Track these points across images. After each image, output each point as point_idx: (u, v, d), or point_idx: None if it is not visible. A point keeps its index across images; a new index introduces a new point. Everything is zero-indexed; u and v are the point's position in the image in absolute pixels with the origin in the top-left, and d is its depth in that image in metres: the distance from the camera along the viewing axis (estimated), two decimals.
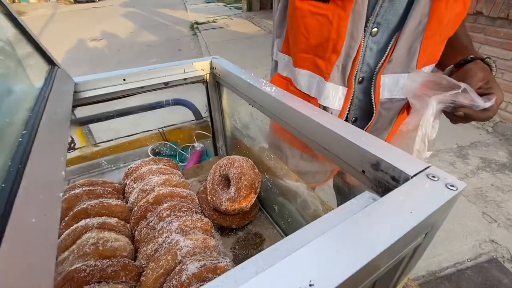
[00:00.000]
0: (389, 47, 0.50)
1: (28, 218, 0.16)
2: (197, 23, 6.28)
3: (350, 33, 0.49)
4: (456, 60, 0.52)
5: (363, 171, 0.29)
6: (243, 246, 0.58)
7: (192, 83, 0.66)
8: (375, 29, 0.50)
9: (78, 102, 0.52)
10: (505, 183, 1.86)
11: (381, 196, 0.26)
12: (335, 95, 0.56)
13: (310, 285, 0.15)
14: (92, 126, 1.07)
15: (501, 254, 1.45)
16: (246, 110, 0.80)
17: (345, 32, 0.49)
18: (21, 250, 0.14)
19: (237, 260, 0.55)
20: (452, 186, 0.23)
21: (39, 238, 0.16)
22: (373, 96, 0.55)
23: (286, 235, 0.58)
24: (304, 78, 0.59)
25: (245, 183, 0.55)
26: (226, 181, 0.61)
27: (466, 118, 0.47)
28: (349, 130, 0.31)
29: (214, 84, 0.67)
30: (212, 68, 0.64)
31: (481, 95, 0.46)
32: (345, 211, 0.23)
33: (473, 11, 2.27)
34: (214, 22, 6.42)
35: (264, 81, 0.47)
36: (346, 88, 0.56)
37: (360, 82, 0.55)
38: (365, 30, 0.50)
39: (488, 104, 0.43)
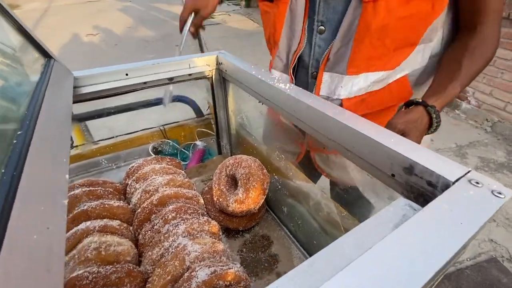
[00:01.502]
0: (329, 46, 0.53)
1: (27, 236, 0.14)
2: None
3: (289, 28, 0.55)
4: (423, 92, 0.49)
5: (393, 175, 0.27)
6: (250, 249, 0.56)
7: (197, 78, 0.63)
8: (322, 27, 0.53)
9: (78, 98, 0.49)
10: (503, 182, 1.87)
11: (417, 202, 0.24)
12: (279, 82, 0.64)
13: None
14: (87, 123, 1.04)
15: (500, 254, 1.46)
16: (254, 108, 0.78)
17: (281, 27, 0.56)
18: (22, 277, 0.12)
19: (245, 263, 0.53)
20: (500, 193, 0.21)
21: (42, 258, 0.14)
22: (314, 91, 0.58)
23: (296, 237, 0.56)
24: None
25: (253, 184, 0.53)
26: (232, 181, 0.58)
27: None
28: (376, 130, 0.29)
29: (220, 80, 0.64)
30: (218, 63, 0.62)
31: None
32: (383, 221, 0.21)
33: None
34: (212, 18, 6.34)
35: (277, 77, 0.44)
36: (289, 77, 0.62)
37: (314, 77, 0.58)
38: (313, 28, 0.54)
39: None
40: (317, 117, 0.35)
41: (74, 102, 0.48)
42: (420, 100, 0.46)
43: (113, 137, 0.72)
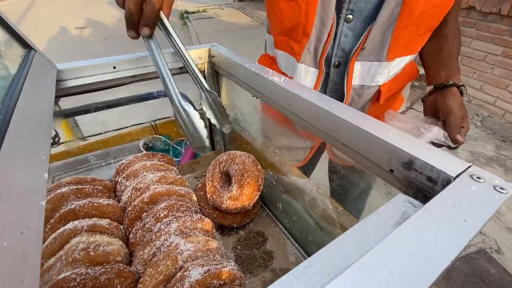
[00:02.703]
0: (363, 35, 0.52)
1: None
2: (187, 12, 6.08)
3: (320, 18, 0.53)
4: (438, 74, 0.56)
5: (391, 170, 0.26)
6: (245, 246, 0.55)
7: (188, 72, 0.61)
8: (350, 16, 0.52)
9: (62, 92, 0.47)
10: None
11: (416, 198, 0.23)
12: (306, 75, 0.60)
13: None
14: (78, 118, 1.00)
15: (489, 245, 1.50)
16: (248, 102, 0.76)
17: (313, 17, 0.52)
18: None
19: (240, 260, 0.52)
20: (502, 189, 0.20)
21: (15, 267, 0.12)
22: (345, 81, 0.58)
23: (291, 233, 0.55)
24: (282, 58, 0.63)
25: (247, 180, 0.52)
26: (226, 178, 0.57)
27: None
28: (374, 124, 0.28)
29: (212, 73, 0.62)
30: (210, 56, 0.60)
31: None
32: (383, 218, 0.20)
33: (466, 5, 2.27)
34: (205, 11, 6.24)
35: (271, 71, 0.43)
36: (318, 70, 0.59)
37: (336, 67, 0.58)
38: (340, 17, 0.53)
39: (460, 143, 0.48)
40: (313, 111, 0.34)
41: (58, 97, 0.46)
42: (451, 82, 0.54)
43: (102, 133, 0.69)
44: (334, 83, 0.60)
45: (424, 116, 0.56)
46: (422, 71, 0.63)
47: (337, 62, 0.57)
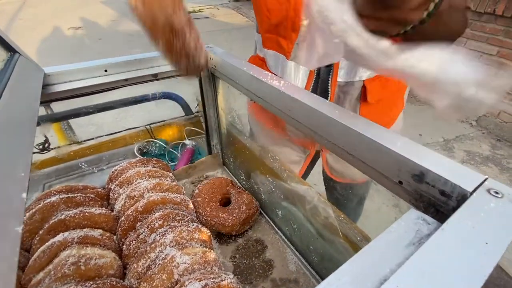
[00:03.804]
0: None
1: None
2: None
3: None
4: None
5: (400, 182, 0.25)
6: (243, 255, 0.53)
7: (183, 75, 0.59)
8: None
9: (51, 97, 0.45)
10: (489, 175, 1.92)
11: (427, 213, 0.22)
12: (296, 74, 0.58)
13: None
14: (71, 120, 0.98)
15: None
16: (246, 106, 0.75)
17: (301, 11, 0.49)
18: None
19: (238, 270, 0.50)
20: None
21: None
22: (330, 77, 0.56)
23: (291, 241, 0.54)
24: (271, 58, 0.61)
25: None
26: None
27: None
28: (381, 132, 0.26)
29: (209, 76, 0.61)
30: None
31: None
32: (396, 237, 0.18)
33: None
34: (200, 11, 6.20)
35: (270, 74, 0.41)
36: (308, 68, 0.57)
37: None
38: None
39: None
40: (314, 117, 0.32)
41: (46, 102, 0.44)
42: None
43: (93, 138, 0.67)
44: (322, 81, 0.58)
45: None
46: None
47: None
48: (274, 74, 0.61)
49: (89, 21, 5.42)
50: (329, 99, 0.58)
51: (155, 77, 0.55)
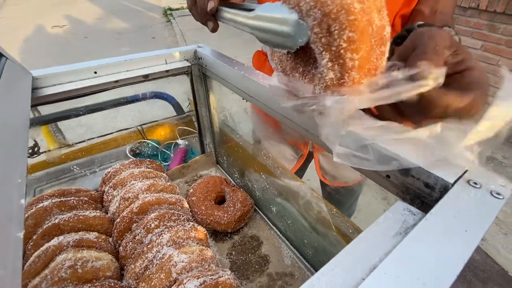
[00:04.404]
0: None
1: None
2: (170, 9, 5.93)
3: None
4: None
5: (388, 176, 0.26)
6: (240, 251, 0.54)
7: (174, 75, 0.59)
8: None
9: (39, 101, 0.44)
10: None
11: (413, 204, 0.23)
12: None
13: None
14: (59, 123, 0.96)
15: None
16: (238, 104, 0.75)
17: None
18: None
19: (235, 266, 0.51)
20: (498, 194, 0.20)
21: None
22: None
23: (286, 236, 0.55)
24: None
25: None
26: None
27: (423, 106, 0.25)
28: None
29: (200, 75, 0.61)
30: (197, 58, 0.58)
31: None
32: (384, 228, 0.19)
33: None
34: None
35: (261, 73, 0.42)
36: None
37: None
38: None
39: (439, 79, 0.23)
40: (306, 115, 0.33)
41: (34, 105, 0.43)
42: (419, 24, 0.32)
43: (84, 141, 0.66)
44: None
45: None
46: None
47: None
48: None
49: (74, 19, 5.27)
50: None
51: (146, 78, 0.54)
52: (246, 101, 0.46)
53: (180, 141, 0.83)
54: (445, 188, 0.21)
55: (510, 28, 1.85)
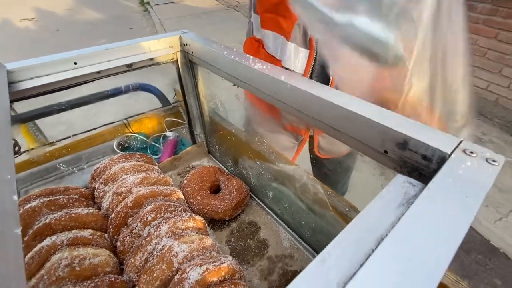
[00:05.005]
0: None
1: None
2: None
3: None
4: None
5: (385, 151, 0.27)
6: (238, 238, 0.55)
7: (159, 63, 0.57)
8: None
9: (15, 96, 0.41)
10: None
11: (411, 177, 0.24)
12: (296, 56, 0.57)
13: None
14: (38, 121, 0.91)
15: None
16: (228, 91, 0.74)
17: None
18: None
19: (235, 252, 0.52)
20: (494, 161, 0.21)
21: None
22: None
23: (283, 220, 0.56)
24: (270, 39, 0.59)
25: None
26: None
27: None
28: (365, 106, 0.28)
29: (187, 63, 0.59)
30: (182, 44, 0.56)
31: None
32: (387, 201, 0.20)
33: None
34: None
35: (252, 57, 0.41)
36: (308, 50, 0.56)
37: None
38: None
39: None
40: (301, 97, 0.33)
41: (11, 102, 0.41)
42: None
43: (69, 137, 0.63)
44: (320, 66, 0.58)
45: None
46: None
47: None
48: (272, 56, 0.60)
49: (43, 11, 4.94)
50: (329, 84, 0.57)
51: (129, 67, 0.52)
52: (238, 87, 0.45)
53: (169, 133, 0.81)
54: (442, 159, 0.22)
55: (488, 6, 1.90)
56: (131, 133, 0.78)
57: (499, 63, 2.01)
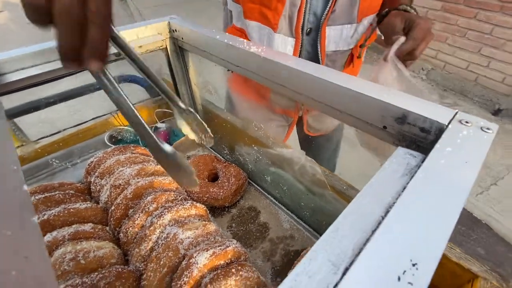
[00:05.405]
0: None
1: (3, 275, 0.10)
2: None
3: None
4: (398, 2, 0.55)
5: (385, 127, 0.27)
6: (239, 223, 0.56)
7: (148, 51, 0.55)
8: None
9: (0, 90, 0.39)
10: None
11: (414, 149, 0.25)
12: (284, 47, 0.58)
13: (413, 264, 0.13)
14: (17, 120, 0.87)
15: None
16: (221, 77, 0.73)
17: None
18: None
19: (237, 237, 0.53)
20: (488, 129, 0.22)
21: None
22: (319, 48, 0.57)
23: (282, 203, 0.57)
24: (254, 30, 0.59)
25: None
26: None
27: (410, 58, 0.50)
28: (363, 84, 0.28)
29: (176, 50, 0.57)
30: (171, 30, 0.54)
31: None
32: (391, 172, 0.21)
33: None
34: None
35: (245, 41, 0.40)
36: (294, 39, 0.57)
37: (308, 34, 0.57)
38: None
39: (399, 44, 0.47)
40: (299, 78, 0.33)
41: None
42: (386, 11, 0.53)
43: (58, 132, 0.61)
44: (306, 52, 0.59)
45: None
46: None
47: (308, 29, 0.56)
48: None
49: (11, 3, 4.62)
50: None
51: (117, 56, 0.50)
52: (232, 72, 0.45)
53: (160, 125, 0.80)
54: (440, 130, 0.23)
55: None
56: (122, 125, 0.76)
57: (478, 43, 2.07)
